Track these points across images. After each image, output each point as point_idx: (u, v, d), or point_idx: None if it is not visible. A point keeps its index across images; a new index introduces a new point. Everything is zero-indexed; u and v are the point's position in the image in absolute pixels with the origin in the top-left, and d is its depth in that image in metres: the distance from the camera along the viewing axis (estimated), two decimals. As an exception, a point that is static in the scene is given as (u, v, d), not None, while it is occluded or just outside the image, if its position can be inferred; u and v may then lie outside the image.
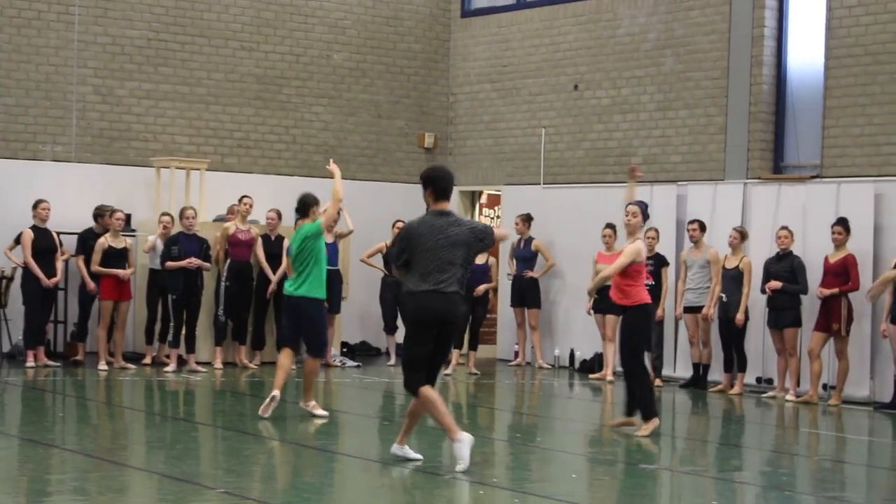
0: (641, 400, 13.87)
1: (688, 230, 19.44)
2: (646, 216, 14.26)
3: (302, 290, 14.20)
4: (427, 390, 11.06)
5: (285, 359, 14.47)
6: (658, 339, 19.24)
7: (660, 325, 19.16)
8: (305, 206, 14.77)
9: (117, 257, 19.07)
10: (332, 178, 14.72)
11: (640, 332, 14.06)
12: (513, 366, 21.83)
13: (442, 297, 11.04)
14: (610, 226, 19.73)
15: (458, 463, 10.87)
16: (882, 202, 18.24)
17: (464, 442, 10.96)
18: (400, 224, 19.69)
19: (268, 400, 14.01)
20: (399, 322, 20.72)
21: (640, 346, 14.12)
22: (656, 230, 19.31)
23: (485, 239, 11.49)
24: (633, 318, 13.99)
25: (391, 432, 14.57)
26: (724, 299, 18.65)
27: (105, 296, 19.07)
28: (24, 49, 20.75)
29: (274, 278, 19.67)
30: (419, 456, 11.33)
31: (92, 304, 19.35)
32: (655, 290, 18.97)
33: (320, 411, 14.42)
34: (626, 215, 14.09)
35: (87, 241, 19.27)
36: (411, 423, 11.51)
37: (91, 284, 19.08)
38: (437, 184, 11.30)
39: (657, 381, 19.09)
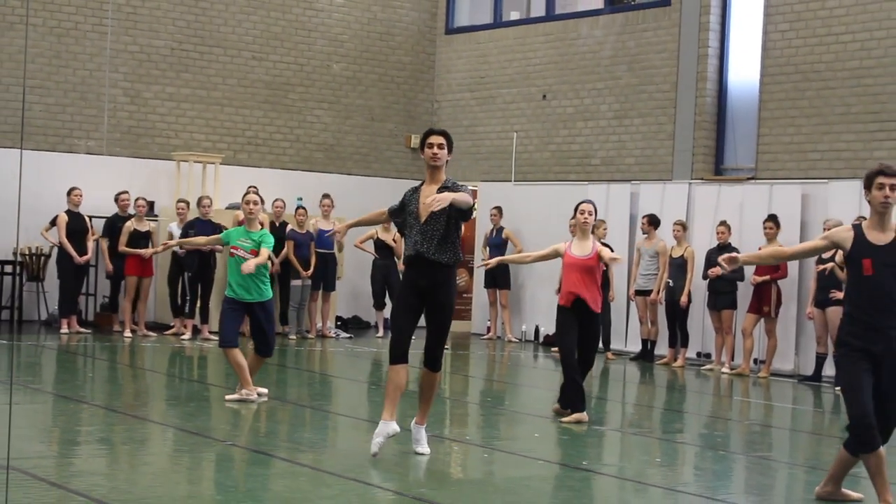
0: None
1: (641, 224, 19.50)
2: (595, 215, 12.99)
3: (252, 297, 12.53)
4: (392, 369, 9.74)
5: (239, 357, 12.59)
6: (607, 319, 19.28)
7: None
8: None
9: (141, 239, 19.11)
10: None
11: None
12: (485, 339, 21.88)
13: (425, 263, 9.71)
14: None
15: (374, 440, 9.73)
16: (808, 201, 18.31)
17: (383, 428, 9.68)
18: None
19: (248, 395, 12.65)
20: (387, 299, 20.75)
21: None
22: (605, 223, 19.36)
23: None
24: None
25: (378, 395, 14.60)
26: (671, 284, 18.71)
27: (130, 272, 19.12)
28: (63, 55, 20.71)
29: (276, 260, 19.69)
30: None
31: (120, 280, 19.36)
32: (604, 276, 19.06)
33: (261, 390, 12.75)
34: (583, 213, 12.55)
35: (113, 224, 19.25)
36: (418, 400, 10.25)
37: (109, 266, 19.13)
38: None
39: (609, 355, 19.18)
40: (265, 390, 12.76)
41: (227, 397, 12.57)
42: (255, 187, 14.06)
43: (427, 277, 9.68)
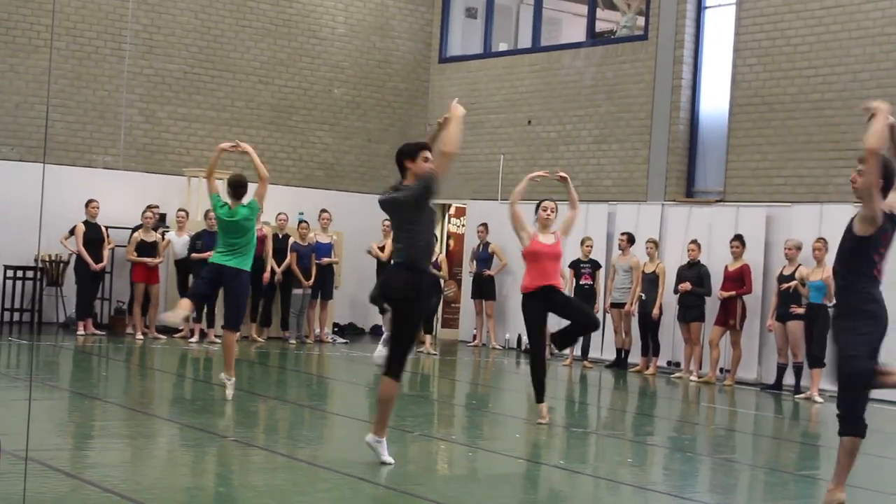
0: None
1: (618, 241, 19.54)
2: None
3: (233, 262, 12.31)
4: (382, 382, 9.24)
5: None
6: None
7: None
8: (244, 187, 13.01)
9: (148, 248, 19.16)
10: (251, 158, 13.26)
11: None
12: (471, 346, 21.89)
13: (388, 271, 9.49)
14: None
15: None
16: (772, 223, 18.37)
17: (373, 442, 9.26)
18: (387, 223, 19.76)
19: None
20: (387, 305, 20.68)
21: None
22: (591, 239, 19.44)
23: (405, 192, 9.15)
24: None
25: (372, 396, 14.60)
26: (643, 297, 18.75)
27: (137, 279, 19.26)
28: (84, 77, 20.72)
29: (279, 270, 19.73)
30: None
31: (133, 287, 19.39)
32: (591, 290, 19.13)
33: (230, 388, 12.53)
34: (545, 210, 12.73)
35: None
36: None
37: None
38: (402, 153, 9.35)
39: (586, 363, 19.19)
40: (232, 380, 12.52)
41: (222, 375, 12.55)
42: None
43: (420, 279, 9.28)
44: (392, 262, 9.30)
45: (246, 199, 12.76)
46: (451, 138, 9.06)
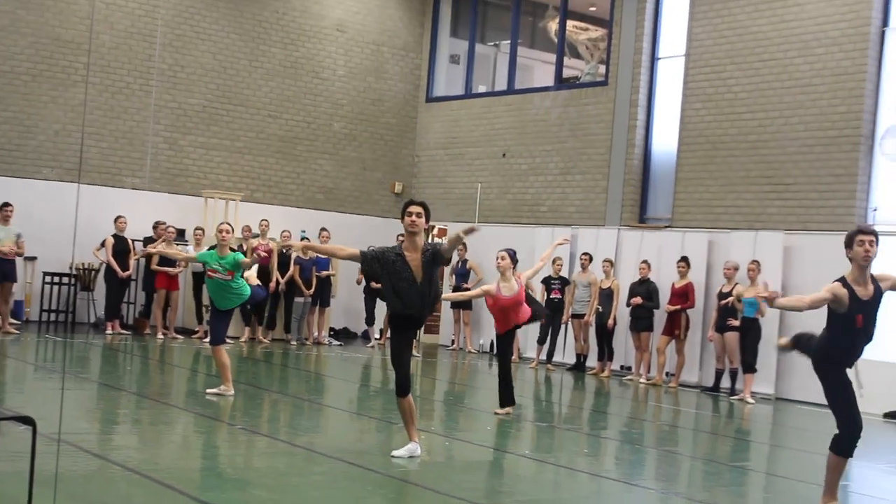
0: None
1: (579, 260, 19.59)
2: (514, 260, 12.62)
3: (239, 301, 12.40)
4: (407, 400, 9.20)
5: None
6: (553, 336, 19.41)
7: (564, 326, 19.47)
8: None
9: (169, 260, 19.09)
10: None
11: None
12: (450, 350, 21.90)
13: (418, 321, 9.32)
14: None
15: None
16: (713, 247, 18.43)
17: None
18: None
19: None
20: (376, 313, 20.74)
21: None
22: (561, 259, 19.49)
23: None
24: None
25: (364, 393, 14.64)
26: (601, 310, 18.80)
27: (159, 286, 19.19)
28: (115, 109, 20.71)
29: (282, 280, 19.72)
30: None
31: (154, 292, 19.35)
32: (561, 303, 19.18)
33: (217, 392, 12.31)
34: (497, 259, 12.54)
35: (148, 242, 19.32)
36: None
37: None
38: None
39: (549, 366, 19.23)
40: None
41: (209, 391, 12.30)
42: (227, 223, 13.06)
43: (416, 328, 9.43)
44: (427, 316, 9.39)
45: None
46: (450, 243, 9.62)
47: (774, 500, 8.93)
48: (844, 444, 8.00)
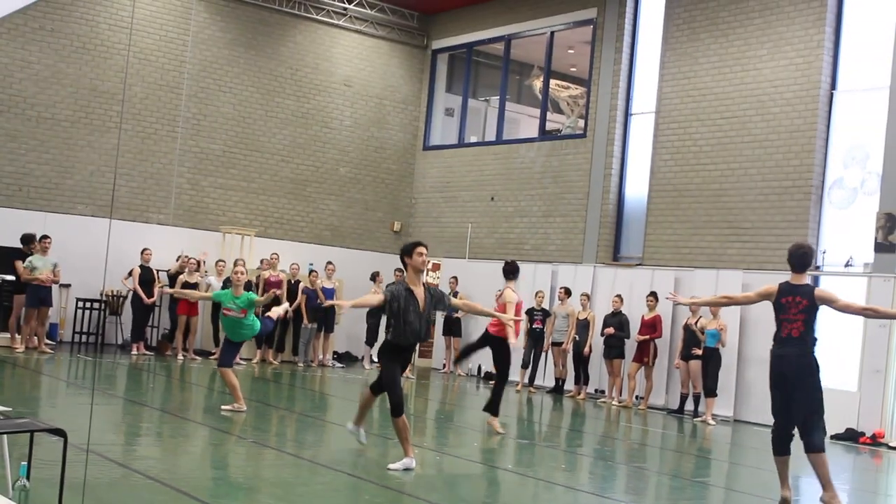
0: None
1: (558, 293, 19.59)
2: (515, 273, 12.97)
3: (251, 334, 12.54)
4: (402, 420, 9.22)
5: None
6: (535, 361, 19.36)
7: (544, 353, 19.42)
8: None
9: (190, 288, 19.05)
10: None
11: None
12: (442, 373, 21.84)
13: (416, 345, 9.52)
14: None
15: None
16: (679, 283, 18.44)
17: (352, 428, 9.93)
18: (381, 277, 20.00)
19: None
20: (378, 336, 20.70)
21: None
22: (542, 292, 19.49)
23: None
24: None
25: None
26: (577, 339, 18.77)
27: (181, 312, 19.10)
28: (144, 153, 20.75)
29: (290, 308, 19.66)
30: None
31: (177, 318, 19.29)
32: (542, 333, 19.13)
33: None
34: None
35: (174, 276, 19.25)
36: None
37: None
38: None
39: (531, 389, 19.18)
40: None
41: (223, 407, 12.28)
42: (242, 263, 13.10)
43: (410, 355, 9.47)
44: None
45: None
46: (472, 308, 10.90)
47: (732, 512, 8.88)
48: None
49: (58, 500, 5.93)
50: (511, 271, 12.96)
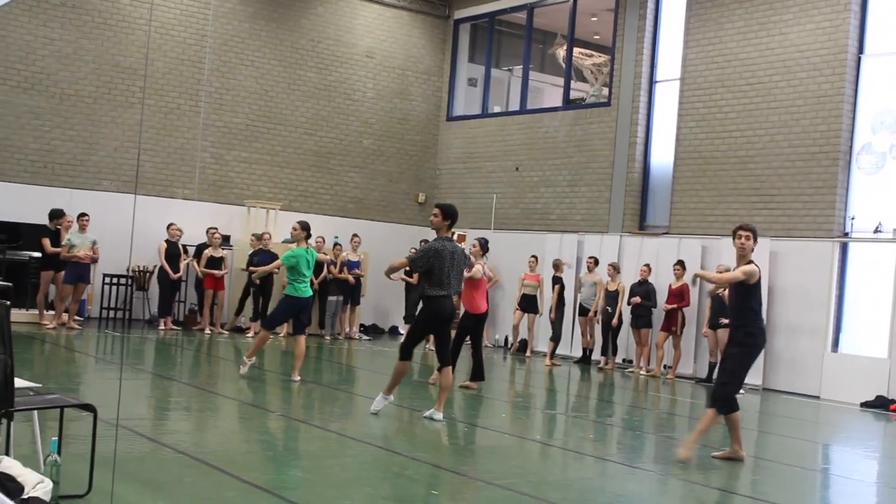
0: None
1: (586, 262, 19.53)
2: (485, 249, 13.96)
3: (300, 292, 12.65)
4: (401, 363, 10.29)
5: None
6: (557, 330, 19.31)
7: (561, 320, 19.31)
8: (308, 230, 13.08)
9: (216, 262, 19.15)
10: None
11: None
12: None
13: (450, 300, 10.24)
14: (533, 256, 19.78)
15: (374, 405, 10.51)
16: (706, 251, 18.37)
17: (380, 399, 10.50)
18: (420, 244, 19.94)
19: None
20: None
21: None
22: (564, 262, 19.44)
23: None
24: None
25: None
26: (609, 311, 18.72)
27: (207, 286, 19.17)
28: (168, 128, 20.78)
29: (317, 281, 19.68)
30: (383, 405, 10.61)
31: (204, 293, 19.39)
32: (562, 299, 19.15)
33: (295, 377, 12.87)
34: (472, 246, 13.96)
35: (200, 250, 19.34)
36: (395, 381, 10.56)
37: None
38: (454, 217, 10.43)
39: (556, 360, 19.15)
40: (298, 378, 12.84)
41: (244, 366, 12.91)
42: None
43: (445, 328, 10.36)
44: (453, 294, 10.28)
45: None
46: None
47: (762, 481, 8.85)
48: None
49: (88, 475, 5.98)
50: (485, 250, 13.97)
